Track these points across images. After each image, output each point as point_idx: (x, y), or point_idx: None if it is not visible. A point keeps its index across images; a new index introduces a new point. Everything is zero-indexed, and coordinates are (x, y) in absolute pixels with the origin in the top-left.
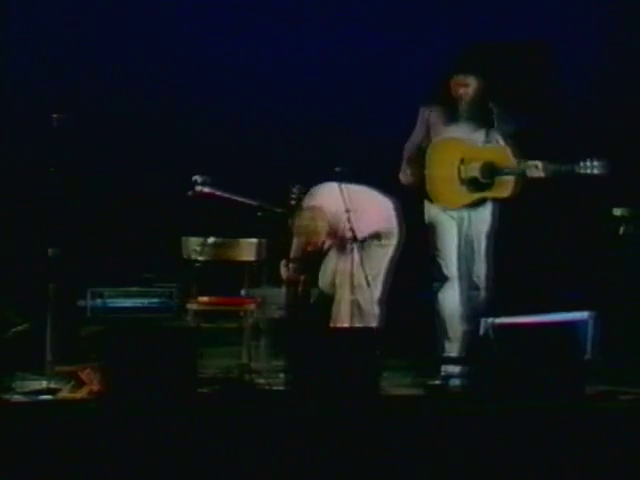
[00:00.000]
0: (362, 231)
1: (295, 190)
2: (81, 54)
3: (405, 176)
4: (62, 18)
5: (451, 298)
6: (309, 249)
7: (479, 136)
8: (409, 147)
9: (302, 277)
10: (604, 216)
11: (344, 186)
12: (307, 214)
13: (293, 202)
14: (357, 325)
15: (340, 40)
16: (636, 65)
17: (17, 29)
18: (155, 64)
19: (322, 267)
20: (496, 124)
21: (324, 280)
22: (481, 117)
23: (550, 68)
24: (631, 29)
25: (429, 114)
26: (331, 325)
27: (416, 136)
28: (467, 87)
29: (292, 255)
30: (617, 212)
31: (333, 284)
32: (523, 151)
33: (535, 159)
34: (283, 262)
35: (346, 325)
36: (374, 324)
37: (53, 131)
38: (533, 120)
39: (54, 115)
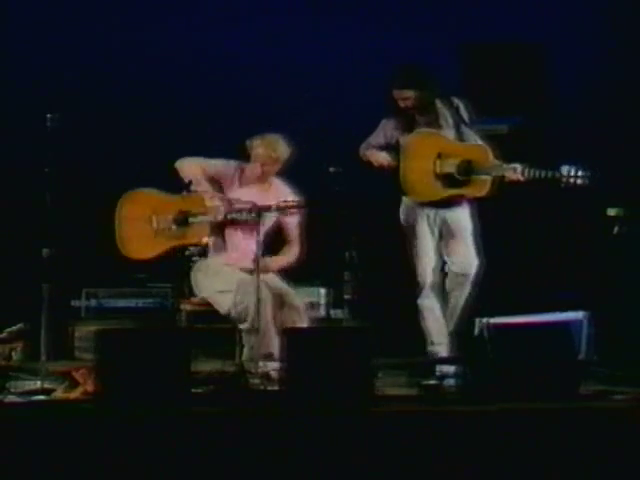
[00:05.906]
0: None
1: None
2: (76, 54)
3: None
4: (58, 17)
5: (430, 304)
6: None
7: (448, 135)
8: (365, 147)
9: None
10: (598, 216)
11: None
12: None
13: None
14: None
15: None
16: (630, 65)
17: (13, 28)
18: (151, 64)
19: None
20: (465, 120)
21: None
22: (438, 118)
23: (543, 70)
24: (623, 29)
25: (389, 127)
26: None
27: (373, 139)
28: (407, 100)
29: None
30: (611, 212)
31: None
32: (506, 152)
33: (523, 162)
34: None
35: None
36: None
37: (48, 131)
38: (525, 120)
39: (48, 115)
